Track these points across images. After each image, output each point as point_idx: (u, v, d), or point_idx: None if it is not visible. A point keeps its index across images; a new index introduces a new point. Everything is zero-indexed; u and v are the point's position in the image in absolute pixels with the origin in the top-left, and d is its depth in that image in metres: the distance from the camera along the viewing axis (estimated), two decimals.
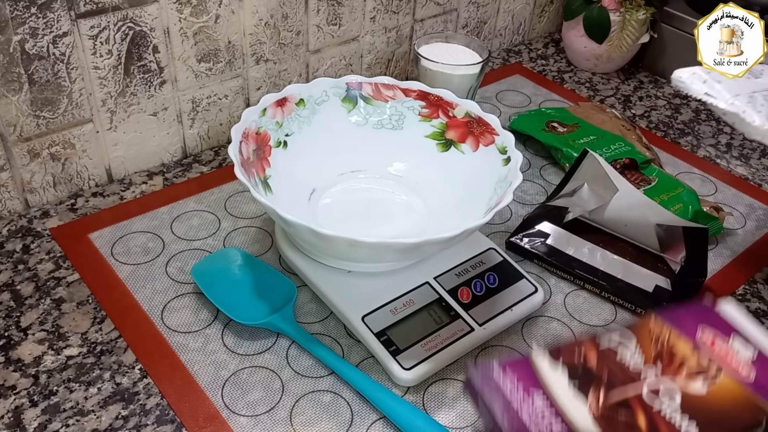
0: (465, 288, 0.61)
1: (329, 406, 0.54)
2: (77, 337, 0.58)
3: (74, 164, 0.71)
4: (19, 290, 0.61)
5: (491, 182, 0.63)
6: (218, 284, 0.61)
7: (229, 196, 0.73)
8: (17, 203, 0.69)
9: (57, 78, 0.65)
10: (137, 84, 0.71)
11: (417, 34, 0.94)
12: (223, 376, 0.55)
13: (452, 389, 0.56)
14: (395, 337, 0.56)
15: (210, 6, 0.72)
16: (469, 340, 0.58)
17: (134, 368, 0.56)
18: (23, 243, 0.66)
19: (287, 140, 0.67)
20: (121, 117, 0.72)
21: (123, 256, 0.65)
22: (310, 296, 0.62)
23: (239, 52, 0.77)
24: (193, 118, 0.78)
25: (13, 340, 0.57)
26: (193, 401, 0.53)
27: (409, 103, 0.70)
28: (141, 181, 0.75)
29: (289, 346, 0.58)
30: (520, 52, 1.08)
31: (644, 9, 0.96)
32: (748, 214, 0.77)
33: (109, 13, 0.66)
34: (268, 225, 0.70)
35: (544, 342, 0.60)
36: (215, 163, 0.79)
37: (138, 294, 0.61)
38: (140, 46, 0.69)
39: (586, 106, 0.90)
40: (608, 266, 0.65)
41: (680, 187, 0.73)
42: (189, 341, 0.58)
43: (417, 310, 0.59)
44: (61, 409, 0.52)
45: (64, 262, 0.64)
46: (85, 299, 0.61)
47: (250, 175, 0.60)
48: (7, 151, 0.66)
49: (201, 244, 0.67)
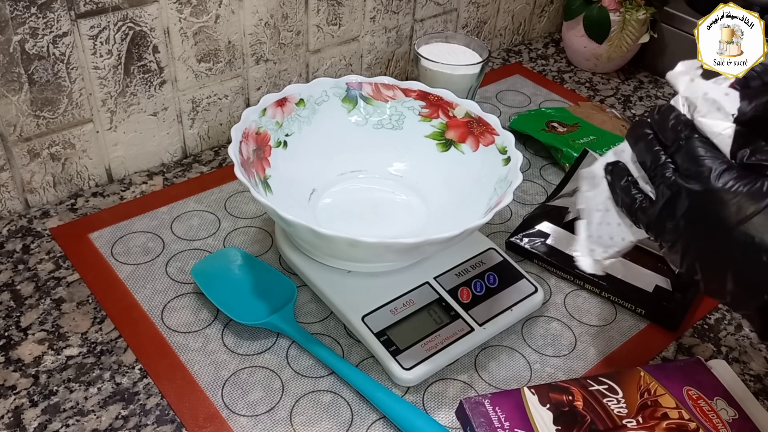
0: (465, 288, 0.61)
1: (329, 406, 0.54)
2: (77, 337, 0.58)
3: (74, 164, 0.71)
4: (19, 290, 0.61)
5: (491, 182, 0.63)
6: (218, 284, 0.61)
7: (229, 196, 0.73)
8: (17, 203, 0.69)
9: (57, 78, 0.65)
10: (137, 84, 0.71)
11: (417, 34, 0.94)
12: (223, 376, 0.55)
13: (452, 389, 0.56)
14: (395, 337, 0.56)
15: (210, 6, 0.72)
16: (469, 340, 0.58)
17: (134, 368, 0.56)
18: (23, 243, 0.66)
19: (287, 140, 0.67)
20: (121, 117, 0.72)
21: (123, 256, 0.65)
22: (310, 296, 0.62)
23: (239, 52, 0.77)
24: (193, 118, 0.78)
25: (13, 340, 0.57)
26: (193, 401, 0.53)
27: (409, 103, 0.70)
28: (141, 181, 0.75)
29: (289, 346, 0.58)
30: (520, 52, 1.08)
31: (644, 9, 0.96)
32: None
33: (109, 13, 0.66)
34: (268, 225, 0.70)
35: (543, 342, 0.60)
36: (215, 163, 0.79)
37: (138, 294, 0.61)
38: (140, 46, 0.69)
39: (586, 106, 0.90)
40: (608, 266, 0.65)
41: None
42: (189, 341, 0.58)
43: (417, 310, 0.59)
44: (61, 409, 0.52)
45: (64, 262, 0.64)
46: (85, 299, 0.61)
47: (250, 175, 0.60)
48: (7, 151, 0.66)
49: (201, 244, 0.67)
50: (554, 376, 0.57)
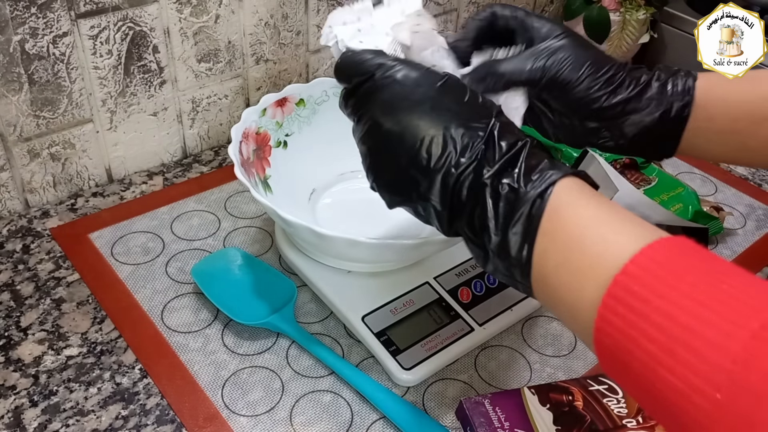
0: (465, 288, 0.61)
1: (329, 406, 0.54)
2: (77, 337, 0.58)
3: (74, 164, 0.71)
4: (19, 290, 0.61)
5: None
6: (218, 284, 0.61)
7: (229, 196, 0.73)
8: (17, 203, 0.69)
9: (57, 78, 0.65)
10: (137, 84, 0.71)
11: None
12: (223, 376, 0.55)
13: (452, 389, 0.56)
14: (395, 337, 0.56)
15: (210, 6, 0.72)
16: (469, 340, 0.58)
17: (134, 368, 0.56)
18: (23, 243, 0.66)
19: (287, 140, 0.66)
20: (121, 117, 0.72)
21: (123, 256, 0.65)
22: (310, 296, 0.62)
23: (239, 52, 0.77)
24: (193, 118, 0.78)
25: (13, 340, 0.57)
26: (193, 401, 0.53)
27: None
28: (141, 181, 0.75)
29: (289, 346, 0.58)
30: None
31: (644, 9, 0.96)
32: (748, 214, 0.77)
33: (109, 13, 0.65)
34: (268, 225, 0.70)
35: (543, 342, 0.60)
36: (215, 163, 0.79)
37: (138, 294, 0.61)
38: (140, 46, 0.69)
39: None
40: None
41: (680, 187, 0.73)
42: (189, 341, 0.58)
43: (417, 310, 0.59)
44: (61, 409, 0.52)
45: (64, 262, 0.64)
46: (85, 299, 0.61)
47: (250, 175, 0.60)
48: (7, 151, 0.66)
49: (201, 244, 0.67)
50: (554, 376, 0.57)
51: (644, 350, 0.30)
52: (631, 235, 0.33)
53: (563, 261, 0.35)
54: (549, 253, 0.36)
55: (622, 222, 0.35)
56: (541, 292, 0.37)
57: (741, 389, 0.27)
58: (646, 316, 0.30)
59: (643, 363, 0.30)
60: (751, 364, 0.27)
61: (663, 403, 0.30)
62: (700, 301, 0.30)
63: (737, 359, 0.28)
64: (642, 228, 0.34)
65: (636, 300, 0.31)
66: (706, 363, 0.28)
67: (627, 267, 0.32)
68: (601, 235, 0.34)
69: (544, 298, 0.37)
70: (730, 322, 0.29)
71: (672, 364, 0.29)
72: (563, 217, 0.36)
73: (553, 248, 0.36)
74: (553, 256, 0.35)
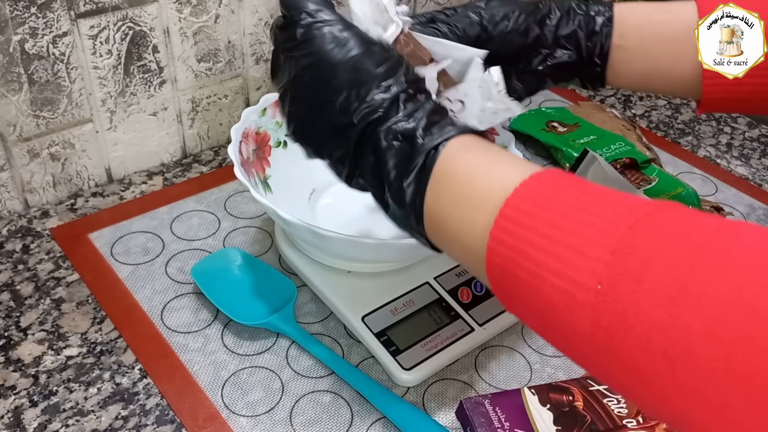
0: (465, 288, 0.61)
1: (329, 406, 0.54)
2: (77, 337, 0.58)
3: (74, 164, 0.71)
4: (19, 290, 0.61)
5: None
6: (218, 284, 0.61)
7: (229, 196, 0.73)
8: (17, 203, 0.69)
9: (57, 78, 0.65)
10: (137, 84, 0.71)
11: None
12: (223, 376, 0.55)
13: (452, 389, 0.56)
14: (395, 338, 0.56)
15: (210, 6, 0.72)
16: (469, 341, 0.58)
17: (134, 368, 0.56)
18: (23, 243, 0.66)
19: (287, 140, 0.66)
20: (120, 117, 0.72)
21: (123, 256, 0.65)
22: (310, 296, 0.62)
23: (239, 52, 0.77)
24: (192, 118, 0.78)
25: (13, 340, 0.57)
26: (193, 401, 0.53)
27: None
28: (141, 181, 0.75)
29: (289, 346, 0.58)
30: None
31: None
32: (748, 214, 0.77)
33: (108, 13, 0.65)
34: (268, 225, 0.70)
35: (543, 342, 0.60)
36: (215, 163, 0.79)
37: (138, 294, 0.61)
38: (140, 45, 0.69)
39: (586, 106, 0.90)
40: None
41: (680, 187, 0.73)
42: (189, 341, 0.58)
43: (417, 310, 0.59)
44: (61, 409, 0.52)
45: (63, 262, 0.64)
46: (85, 299, 0.61)
47: (250, 175, 0.60)
48: (7, 151, 0.66)
49: (201, 244, 0.67)
50: (554, 376, 0.57)
51: (532, 260, 0.32)
52: (519, 168, 0.36)
53: (457, 198, 0.37)
54: (442, 197, 0.38)
55: (511, 158, 0.38)
56: (435, 234, 0.40)
57: (621, 276, 0.29)
58: (534, 228, 0.33)
59: (531, 273, 0.32)
60: (628, 252, 0.29)
61: (550, 311, 0.32)
62: (582, 208, 0.32)
63: (616, 249, 0.30)
64: (530, 164, 0.37)
65: (525, 216, 0.33)
66: (586, 257, 0.30)
67: (517, 190, 0.34)
68: (492, 169, 0.37)
69: (438, 239, 0.40)
70: (608, 220, 0.31)
71: (557, 267, 0.31)
72: (456, 162, 0.38)
73: (446, 191, 0.38)
74: (446, 196, 0.38)
